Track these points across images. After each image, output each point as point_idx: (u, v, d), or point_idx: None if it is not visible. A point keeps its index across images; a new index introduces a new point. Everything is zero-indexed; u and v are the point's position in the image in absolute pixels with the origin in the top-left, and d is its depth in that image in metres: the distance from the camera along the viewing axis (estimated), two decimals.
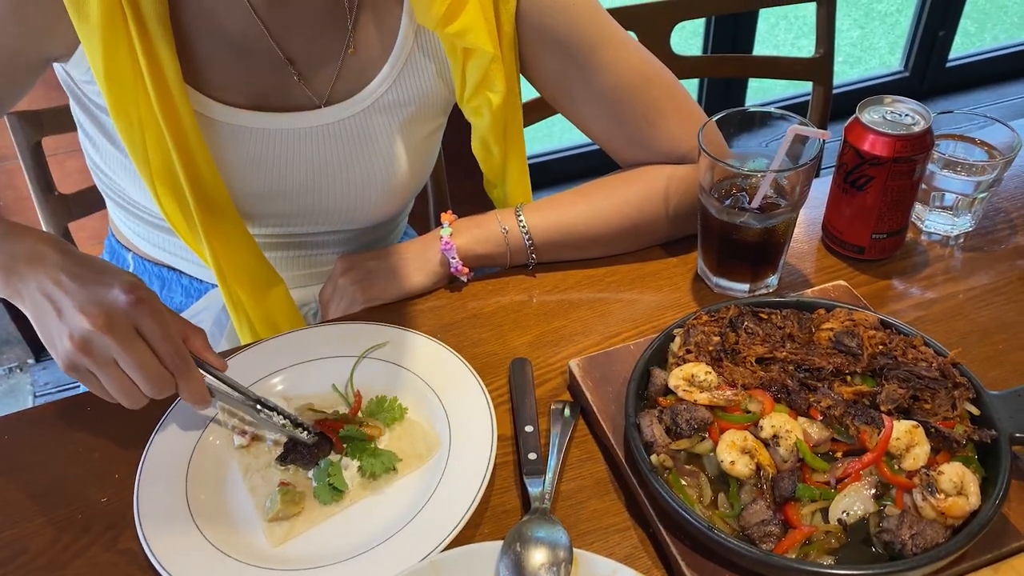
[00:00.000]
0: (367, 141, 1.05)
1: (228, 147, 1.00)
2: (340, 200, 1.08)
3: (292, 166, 1.03)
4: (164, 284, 1.20)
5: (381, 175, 1.08)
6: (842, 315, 0.90)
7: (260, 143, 1.01)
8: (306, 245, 1.16)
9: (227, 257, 1.03)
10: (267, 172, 1.03)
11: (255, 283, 1.07)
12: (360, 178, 1.06)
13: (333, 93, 1.02)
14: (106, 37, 0.87)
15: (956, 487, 0.73)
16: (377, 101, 1.04)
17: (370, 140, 1.05)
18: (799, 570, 0.71)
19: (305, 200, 1.07)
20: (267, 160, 1.02)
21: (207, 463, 0.87)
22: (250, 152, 1.01)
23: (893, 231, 1.05)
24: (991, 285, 1.05)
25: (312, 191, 1.06)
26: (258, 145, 1.01)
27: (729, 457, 0.77)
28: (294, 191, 1.05)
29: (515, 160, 1.13)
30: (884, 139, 0.97)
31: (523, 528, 0.76)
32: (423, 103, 1.07)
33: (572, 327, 1.03)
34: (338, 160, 1.05)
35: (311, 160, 1.04)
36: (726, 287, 1.05)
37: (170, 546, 0.79)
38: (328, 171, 1.05)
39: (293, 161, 1.03)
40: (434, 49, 1.04)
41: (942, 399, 0.81)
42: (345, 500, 0.84)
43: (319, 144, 1.03)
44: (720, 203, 0.97)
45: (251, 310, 1.07)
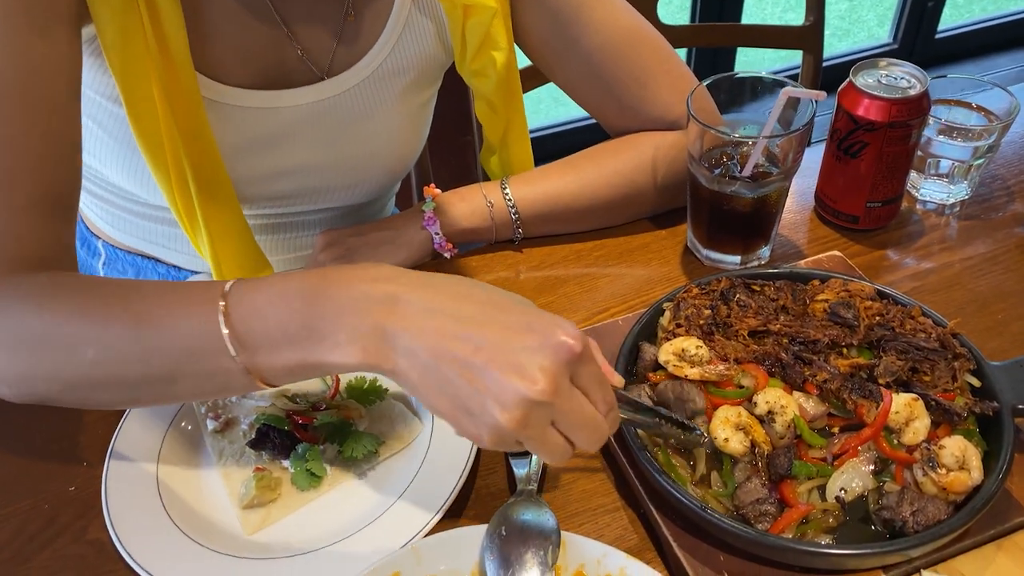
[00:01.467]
0: (369, 112, 1.01)
1: (226, 128, 0.95)
2: (341, 177, 1.04)
3: (292, 145, 0.99)
4: (139, 272, 1.16)
5: (382, 148, 1.04)
6: (837, 286, 0.87)
7: (261, 123, 0.96)
8: (295, 227, 1.12)
9: (223, 243, 0.98)
10: (266, 153, 0.98)
11: (245, 269, 1.03)
12: (361, 153, 1.03)
13: (334, 64, 0.98)
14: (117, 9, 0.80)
15: (958, 461, 0.70)
16: (378, 69, 0.99)
17: (372, 111, 1.01)
18: (796, 550, 0.68)
19: (304, 179, 1.03)
20: (266, 140, 0.98)
21: (179, 449, 0.84)
22: (248, 133, 0.96)
23: (888, 199, 1.02)
24: (989, 254, 1.02)
25: (312, 169, 1.02)
26: (259, 125, 0.96)
27: (723, 434, 0.74)
28: (293, 170, 1.01)
29: (517, 122, 1.09)
30: (879, 103, 0.94)
31: (509, 511, 0.73)
32: (421, 68, 1.03)
33: (559, 303, 1.00)
34: (338, 135, 1.01)
35: (311, 137, 1.00)
36: (717, 260, 1.01)
37: (140, 536, 0.75)
38: (328, 147, 1.01)
39: (293, 140, 0.99)
40: (432, 7, 1.00)
41: (942, 371, 0.78)
42: (323, 485, 0.81)
43: (319, 120, 0.99)
44: (710, 172, 0.94)
45: None
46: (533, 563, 0.69)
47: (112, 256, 1.16)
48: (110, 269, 1.16)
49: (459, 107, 1.68)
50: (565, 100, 1.12)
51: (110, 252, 1.16)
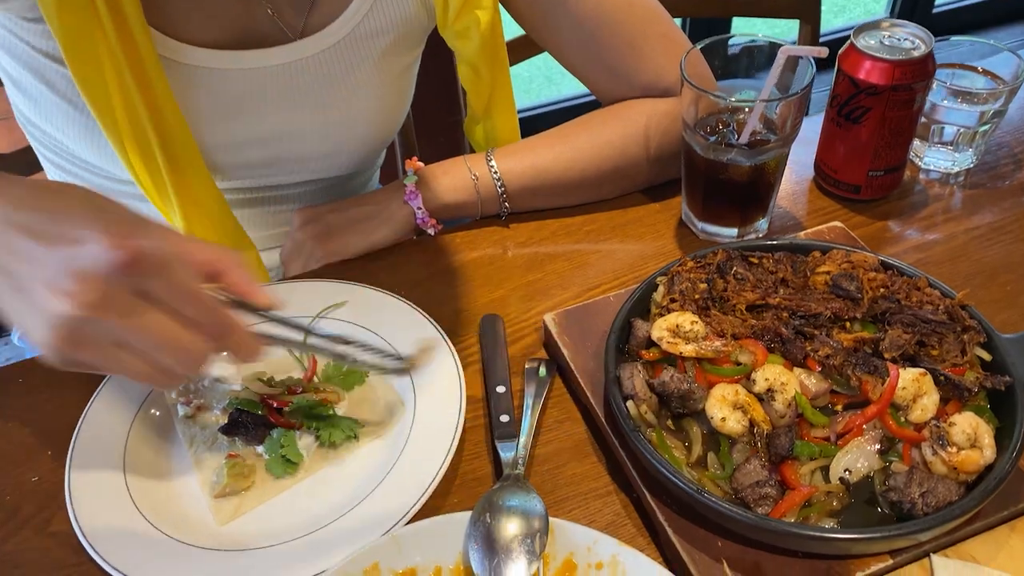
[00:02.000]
0: (345, 76, 0.96)
1: (194, 92, 0.90)
2: (318, 144, 0.99)
3: (265, 109, 0.94)
4: None
5: (361, 114, 0.99)
6: (839, 257, 0.83)
7: (230, 85, 0.91)
8: (274, 201, 1.07)
9: (198, 218, 0.94)
10: (238, 118, 0.94)
11: (224, 244, 0.98)
12: (338, 119, 0.98)
13: (308, 25, 0.93)
14: None
15: (969, 439, 0.66)
16: (354, 30, 0.94)
17: (348, 75, 0.96)
18: (798, 535, 0.64)
19: (280, 147, 0.98)
20: (237, 104, 0.93)
21: (148, 436, 0.80)
22: (218, 96, 0.92)
23: (891, 168, 0.98)
24: (996, 223, 0.98)
25: (287, 136, 0.97)
26: (227, 88, 0.91)
27: (720, 413, 0.70)
28: (268, 137, 0.96)
29: (502, 89, 1.04)
30: (882, 65, 0.89)
31: (494, 497, 0.69)
32: (401, 30, 0.98)
33: (548, 280, 0.95)
34: (315, 99, 0.96)
35: (285, 101, 0.94)
36: (713, 233, 0.97)
37: (106, 528, 0.71)
38: (304, 112, 0.96)
39: (266, 103, 0.94)
40: None
41: (951, 344, 0.74)
42: (300, 472, 0.77)
43: (293, 82, 0.94)
44: (705, 140, 0.89)
45: None
46: (520, 551, 0.65)
47: None
48: None
49: (447, 86, 1.63)
50: (557, 79, 1.08)
51: None
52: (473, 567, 0.65)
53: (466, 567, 0.66)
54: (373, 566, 0.66)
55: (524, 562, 0.65)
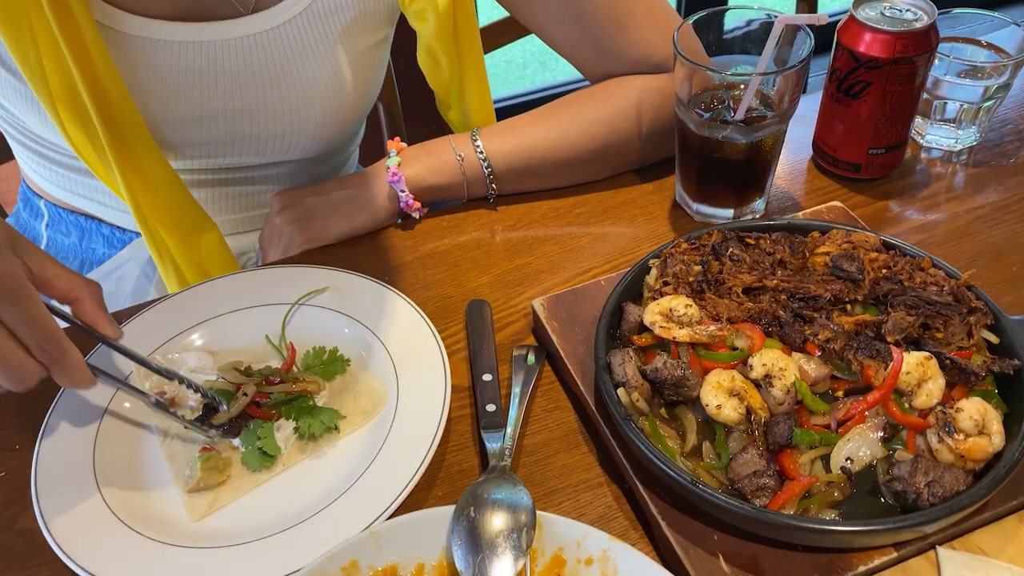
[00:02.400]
0: (302, 54, 0.92)
1: (139, 64, 0.87)
2: (274, 124, 0.95)
3: (216, 85, 0.90)
4: (84, 234, 1.08)
5: (320, 94, 0.95)
6: (839, 237, 0.79)
7: (177, 58, 0.88)
8: (242, 182, 1.04)
9: (146, 195, 0.91)
10: (187, 92, 0.90)
11: (182, 227, 0.95)
12: (296, 98, 0.94)
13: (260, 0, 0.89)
14: None
15: (977, 426, 0.63)
16: (310, 7, 0.90)
17: (305, 53, 0.92)
18: (798, 527, 0.61)
19: (233, 125, 0.94)
20: (186, 78, 0.89)
21: (119, 429, 0.76)
22: (165, 69, 0.88)
23: (892, 145, 0.94)
24: (1001, 202, 0.95)
25: (241, 114, 0.93)
26: (174, 61, 0.88)
27: (715, 401, 0.67)
28: (220, 114, 0.93)
29: (473, 74, 1.00)
30: (883, 37, 0.86)
31: (479, 490, 0.66)
32: (363, 9, 0.94)
33: (537, 264, 0.92)
34: (269, 76, 0.92)
35: (238, 77, 0.91)
36: (708, 214, 0.94)
37: (74, 526, 0.68)
38: (258, 89, 0.92)
39: (217, 79, 0.90)
40: None
41: (956, 327, 0.71)
42: (278, 466, 0.74)
43: (246, 58, 0.90)
44: (700, 117, 0.86)
45: (179, 257, 0.95)
46: (505, 547, 0.62)
47: (55, 217, 1.08)
48: (53, 231, 1.08)
49: None
50: (551, 64, 1.04)
51: (53, 212, 1.08)
52: (456, 564, 0.62)
53: (449, 564, 0.63)
54: (352, 563, 0.63)
55: (510, 558, 0.62)
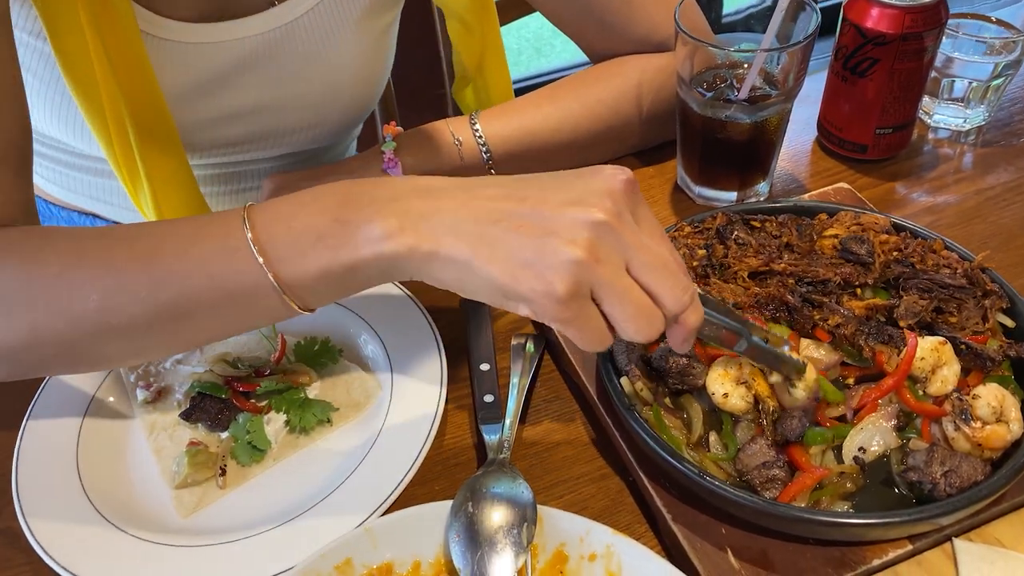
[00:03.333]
0: (326, 41, 0.90)
1: (174, 70, 0.84)
2: (301, 116, 0.93)
3: (246, 83, 0.88)
4: None
5: (345, 81, 0.93)
6: (848, 219, 0.77)
7: (209, 60, 0.86)
8: (247, 176, 1.01)
9: (166, 196, 0.88)
10: (218, 94, 0.88)
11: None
12: (322, 87, 0.92)
13: None
14: None
15: (995, 413, 0.61)
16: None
17: (329, 40, 0.90)
18: (809, 520, 0.59)
19: (261, 121, 0.92)
20: (218, 79, 0.87)
21: (104, 424, 0.74)
22: (198, 73, 0.86)
23: (900, 125, 0.91)
24: (1012, 183, 0.92)
25: (269, 110, 0.92)
26: (206, 63, 0.86)
27: (721, 389, 0.64)
28: (249, 112, 0.91)
29: (493, 44, 0.98)
30: (891, 12, 0.83)
31: (477, 484, 0.63)
32: None
33: None
34: (296, 68, 0.90)
35: (267, 73, 0.89)
36: (711, 197, 0.91)
37: (56, 524, 0.66)
38: (287, 83, 0.90)
39: (246, 77, 0.88)
40: None
41: (971, 310, 0.69)
42: (268, 460, 0.71)
43: (274, 51, 0.88)
44: (702, 96, 0.83)
45: None
46: (505, 543, 0.60)
47: (48, 214, 1.05)
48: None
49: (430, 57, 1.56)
50: (546, 50, 1.02)
51: (46, 210, 1.05)
52: (455, 561, 0.59)
53: (447, 561, 0.61)
54: (346, 561, 0.60)
55: (510, 554, 0.59)
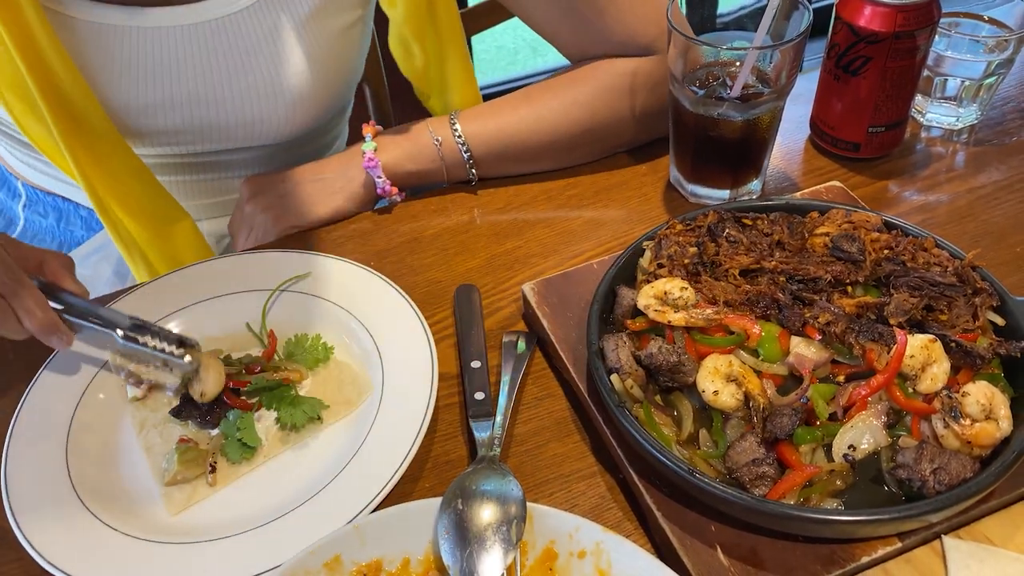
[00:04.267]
0: (266, 40, 0.88)
1: (95, 50, 0.83)
2: (240, 112, 0.91)
3: (177, 72, 0.87)
4: (61, 216, 1.04)
5: (288, 81, 0.91)
6: (839, 217, 0.77)
7: (135, 44, 0.84)
8: (216, 167, 1.00)
9: (107, 184, 0.88)
10: (146, 80, 0.86)
11: (153, 217, 0.91)
12: (262, 85, 0.90)
13: None
14: None
15: (984, 410, 0.61)
16: None
17: (270, 38, 0.88)
18: (799, 517, 0.58)
19: (197, 112, 0.90)
20: (144, 65, 0.85)
21: (93, 421, 0.74)
22: (124, 55, 0.84)
23: (892, 123, 0.92)
24: (1003, 182, 0.92)
25: (205, 101, 0.89)
26: (133, 47, 0.84)
27: (711, 387, 0.64)
28: (183, 102, 0.89)
29: (454, 59, 0.97)
30: (884, 11, 0.83)
31: (467, 481, 0.63)
32: None
33: (527, 248, 0.89)
34: (232, 64, 0.88)
35: (200, 64, 0.87)
36: (703, 195, 0.91)
37: (45, 522, 0.66)
38: (221, 77, 0.88)
39: (177, 66, 0.86)
40: None
41: (961, 308, 0.69)
42: (258, 457, 0.71)
43: (207, 44, 0.86)
44: (694, 94, 0.83)
45: (150, 247, 0.91)
46: (494, 540, 0.60)
47: (33, 197, 1.04)
48: (31, 211, 1.05)
49: None
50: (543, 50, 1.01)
51: (30, 193, 1.04)
52: (444, 558, 0.59)
53: (436, 558, 0.61)
54: (335, 558, 0.60)
55: (499, 552, 0.59)
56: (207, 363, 0.72)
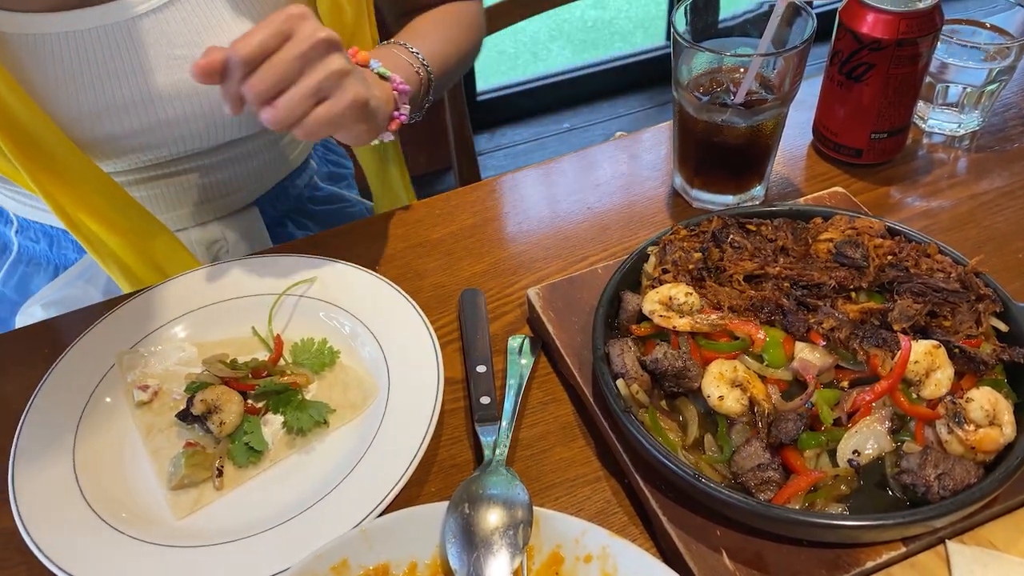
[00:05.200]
0: (205, 28, 0.86)
1: (33, 63, 0.81)
2: (193, 106, 0.88)
3: (119, 72, 0.84)
4: (53, 241, 1.02)
5: None
6: (842, 223, 0.77)
7: (73, 51, 0.82)
8: (188, 172, 0.98)
9: (72, 200, 0.85)
10: (90, 85, 0.84)
11: (129, 232, 0.89)
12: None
13: None
14: None
15: (987, 416, 0.61)
16: None
17: (213, 26, 0.86)
18: (804, 522, 0.59)
19: (151, 112, 0.87)
20: (86, 70, 0.83)
21: (100, 425, 0.74)
22: (61, 64, 0.82)
23: (895, 129, 0.92)
24: (1005, 188, 0.93)
25: (154, 99, 0.87)
26: (69, 53, 0.82)
27: (716, 392, 0.64)
28: (133, 102, 0.86)
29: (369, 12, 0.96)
30: (886, 18, 0.83)
31: (473, 485, 0.63)
32: None
33: (532, 252, 0.90)
34: (176, 56, 0.85)
35: (141, 61, 0.84)
36: (707, 201, 0.91)
37: (52, 524, 0.66)
38: (167, 71, 0.86)
39: (118, 65, 0.84)
40: None
41: (964, 314, 0.69)
42: (265, 461, 0.71)
43: (144, 39, 0.84)
44: (698, 100, 0.83)
45: (130, 260, 0.90)
46: (501, 544, 0.60)
47: (24, 224, 1.03)
48: (23, 237, 1.04)
49: None
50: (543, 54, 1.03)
51: (22, 220, 1.03)
52: (451, 562, 0.59)
53: (443, 562, 0.61)
54: (342, 562, 0.60)
55: (506, 556, 0.59)
56: (226, 396, 0.72)
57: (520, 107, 2.83)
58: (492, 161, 2.70)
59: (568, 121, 2.83)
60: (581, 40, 3.10)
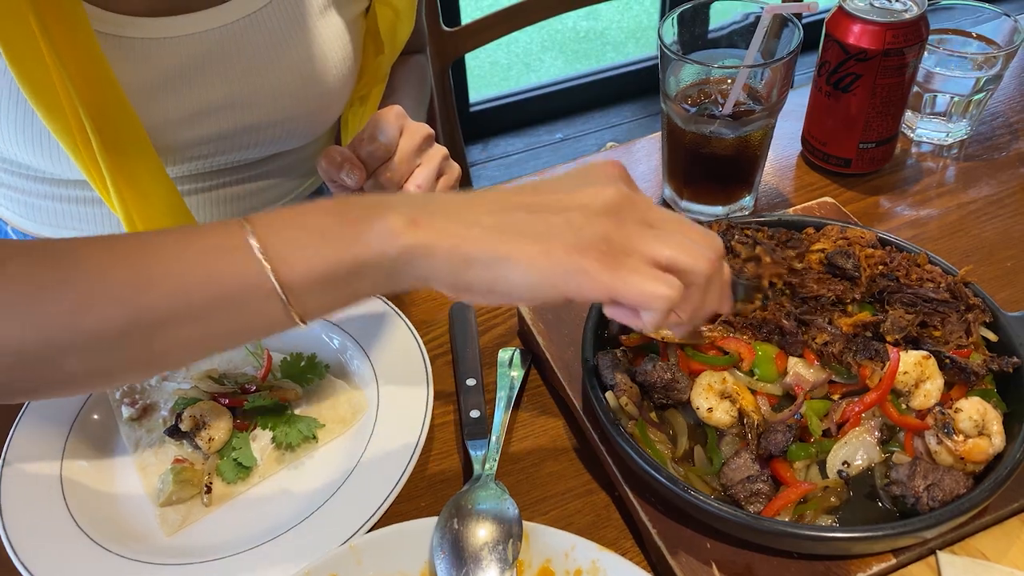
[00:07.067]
0: (290, 32, 0.88)
1: (133, 68, 0.82)
2: (274, 109, 0.91)
3: (211, 77, 0.86)
4: None
5: (316, 71, 0.91)
6: (834, 233, 0.77)
7: (168, 56, 0.83)
8: (230, 184, 0.99)
9: (140, 207, 0.85)
10: (182, 91, 0.85)
11: None
12: (291, 79, 0.89)
13: None
14: None
15: (977, 426, 0.61)
16: None
17: (292, 31, 0.88)
18: (794, 534, 0.59)
19: (233, 116, 0.89)
20: (181, 75, 0.84)
21: (88, 442, 0.73)
22: (161, 69, 0.83)
23: (883, 139, 0.92)
24: (993, 197, 0.93)
25: (236, 105, 0.88)
26: (166, 59, 0.83)
27: (706, 403, 0.64)
28: (218, 107, 0.88)
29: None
30: (873, 28, 0.84)
31: (463, 500, 0.63)
32: None
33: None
34: (263, 60, 0.88)
35: (230, 66, 0.86)
36: (696, 212, 0.92)
37: (40, 544, 0.65)
38: (253, 76, 0.88)
39: (210, 71, 0.86)
40: None
41: (954, 324, 0.69)
42: (254, 477, 0.71)
43: (235, 44, 0.86)
44: (686, 111, 0.83)
45: None
46: (491, 559, 0.60)
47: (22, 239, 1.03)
48: None
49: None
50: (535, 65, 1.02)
51: (20, 235, 1.03)
52: None
53: None
54: None
55: (496, 571, 0.59)
56: (215, 412, 0.72)
57: (513, 118, 2.84)
58: (485, 172, 2.70)
59: (561, 131, 2.83)
60: (573, 51, 3.11)
